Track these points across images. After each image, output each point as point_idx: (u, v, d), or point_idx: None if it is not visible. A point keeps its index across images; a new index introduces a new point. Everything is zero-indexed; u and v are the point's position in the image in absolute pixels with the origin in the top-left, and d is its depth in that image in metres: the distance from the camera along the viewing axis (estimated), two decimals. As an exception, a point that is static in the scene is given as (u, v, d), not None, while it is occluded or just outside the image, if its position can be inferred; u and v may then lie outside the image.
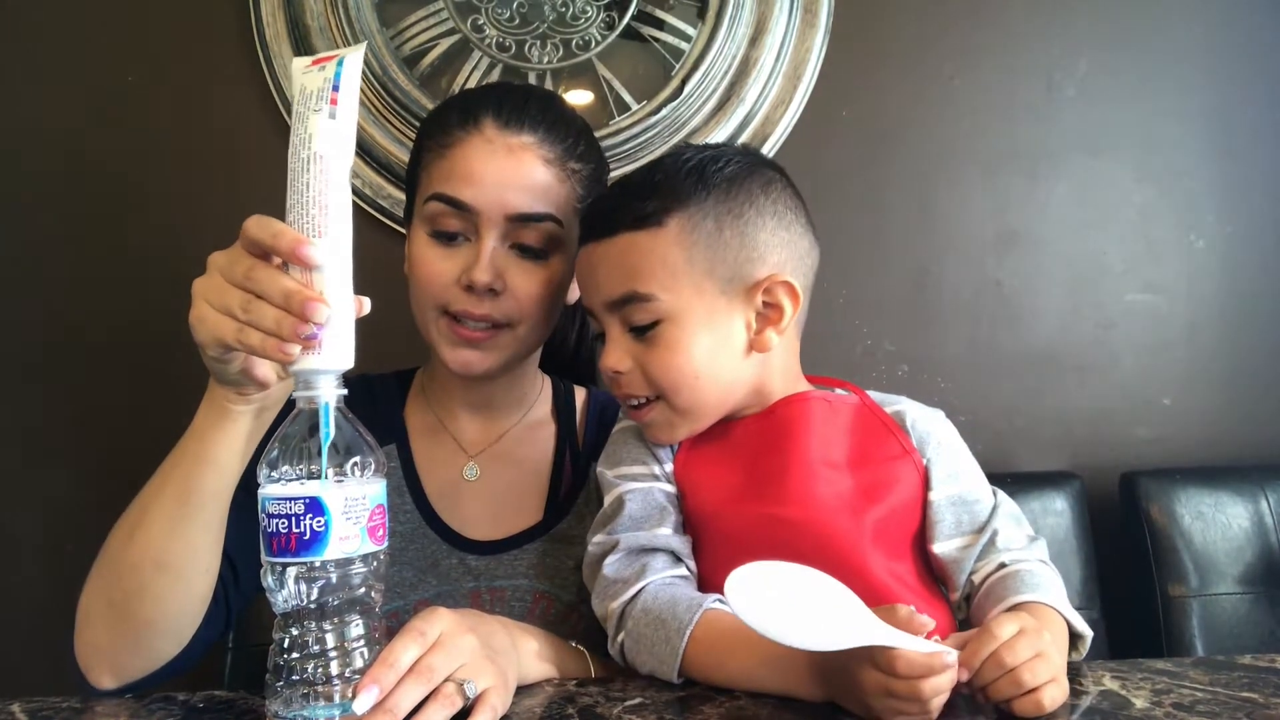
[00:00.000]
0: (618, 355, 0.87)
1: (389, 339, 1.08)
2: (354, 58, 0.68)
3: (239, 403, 0.76)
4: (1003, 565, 0.83)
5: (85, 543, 0.83)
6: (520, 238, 0.94)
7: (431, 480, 1.03)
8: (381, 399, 1.07)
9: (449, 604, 0.95)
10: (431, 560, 0.99)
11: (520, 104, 0.96)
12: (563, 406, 1.11)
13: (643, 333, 0.85)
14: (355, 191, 1.45)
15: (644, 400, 0.88)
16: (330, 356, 0.65)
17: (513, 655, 0.76)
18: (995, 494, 0.89)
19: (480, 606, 0.96)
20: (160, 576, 0.79)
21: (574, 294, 1.05)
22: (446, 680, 0.67)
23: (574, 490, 1.04)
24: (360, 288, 0.66)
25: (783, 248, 0.87)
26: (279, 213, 0.68)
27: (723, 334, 0.86)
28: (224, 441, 0.77)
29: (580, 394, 1.13)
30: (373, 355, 1.15)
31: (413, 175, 1.00)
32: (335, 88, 0.66)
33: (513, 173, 0.92)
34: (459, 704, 0.67)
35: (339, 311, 0.65)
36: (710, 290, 0.84)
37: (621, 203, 0.87)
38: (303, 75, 0.68)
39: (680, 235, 0.84)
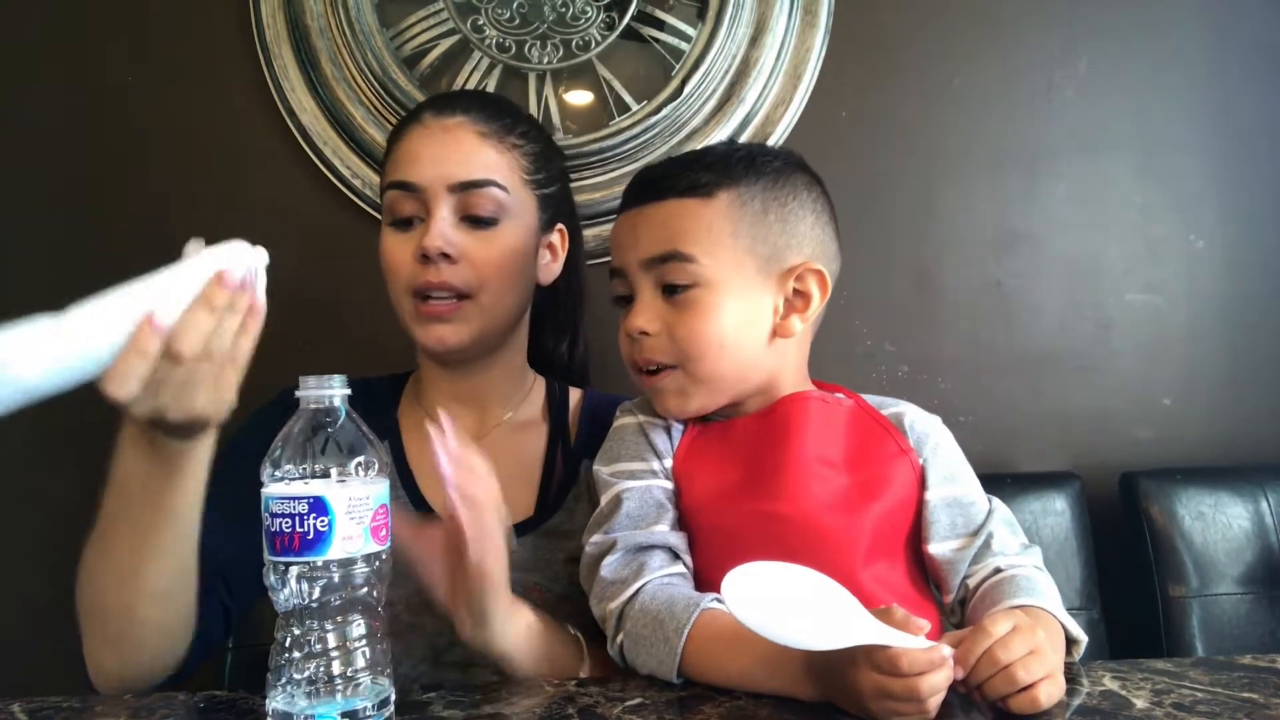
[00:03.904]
0: (648, 316, 0.88)
1: (387, 340, 1.09)
2: None
3: (194, 439, 0.75)
4: (998, 570, 0.83)
5: (85, 543, 0.84)
6: (467, 208, 0.99)
7: (424, 475, 1.04)
8: (376, 399, 1.09)
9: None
10: None
11: (454, 95, 1.09)
12: (556, 405, 1.12)
13: (675, 295, 0.87)
14: (354, 190, 1.45)
15: (660, 368, 0.89)
16: None
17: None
18: (990, 500, 0.90)
19: None
20: (139, 619, 0.80)
21: (547, 275, 1.09)
22: None
23: (565, 485, 1.05)
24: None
25: (817, 243, 0.90)
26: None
27: (752, 311, 0.88)
28: (181, 491, 0.77)
29: (575, 394, 1.14)
30: (370, 356, 1.16)
31: (381, 191, 1.06)
32: None
33: (451, 147, 0.99)
34: None
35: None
36: (749, 267, 0.87)
37: (673, 171, 0.91)
38: None
39: (729, 209, 0.87)
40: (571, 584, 0.96)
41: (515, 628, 0.82)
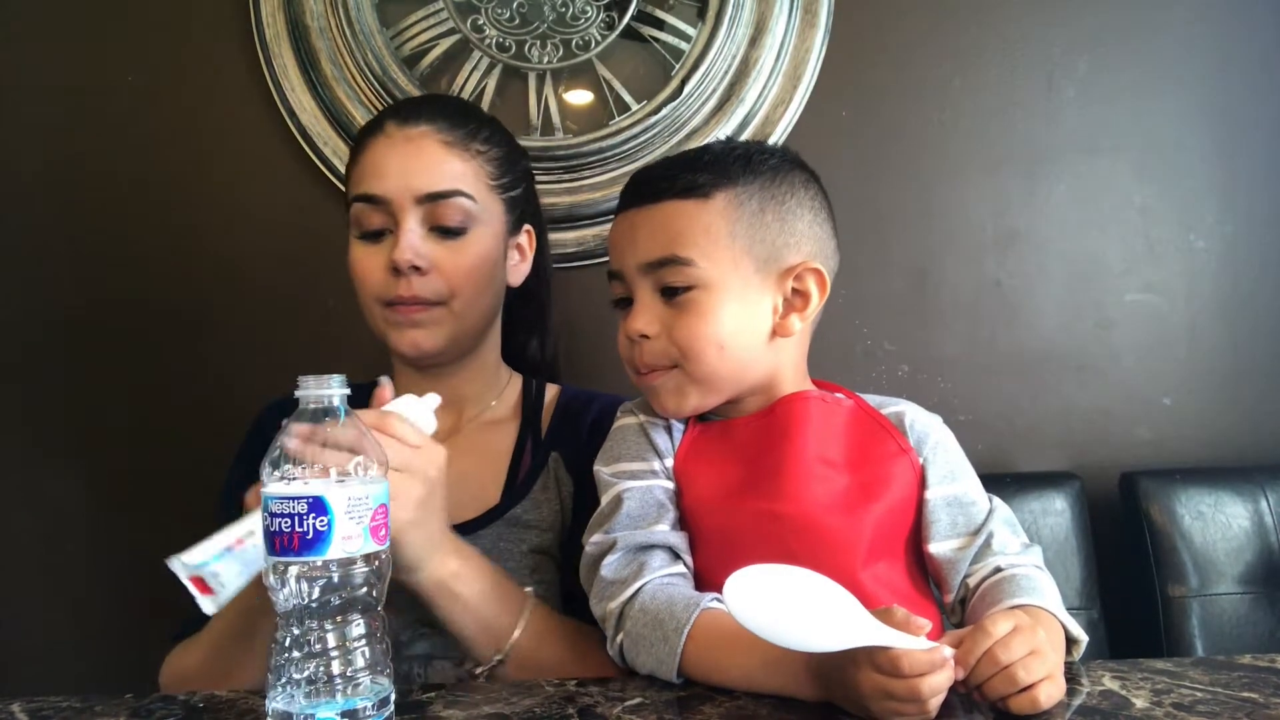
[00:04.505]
0: (647, 319, 0.88)
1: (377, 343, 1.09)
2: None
3: None
4: (998, 570, 0.83)
5: (85, 543, 0.84)
6: (436, 219, 0.99)
7: None
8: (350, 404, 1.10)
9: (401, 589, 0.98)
10: None
11: (417, 103, 1.07)
12: (530, 402, 1.12)
13: (673, 297, 0.87)
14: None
15: (658, 369, 0.89)
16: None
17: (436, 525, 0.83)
18: (991, 499, 0.89)
19: None
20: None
21: (517, 276, 1.10)
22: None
23: (532, 476, 1.05)
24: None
25: (815, 241, 0.90)
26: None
27: (751, 311, 0.88)
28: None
29: (551, 390, 1.15)
30: (369, 355, 1.16)
31: (346, 204, 1.05)
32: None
33: (414, 158, 0.99)
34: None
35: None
36: (746, 267, 0.87)
37: (670, 173, 0.90)
38: None
39: (726, 209, 0.87)
40: (533, 576, 0.98)
41: (431, 574, 0.84)
